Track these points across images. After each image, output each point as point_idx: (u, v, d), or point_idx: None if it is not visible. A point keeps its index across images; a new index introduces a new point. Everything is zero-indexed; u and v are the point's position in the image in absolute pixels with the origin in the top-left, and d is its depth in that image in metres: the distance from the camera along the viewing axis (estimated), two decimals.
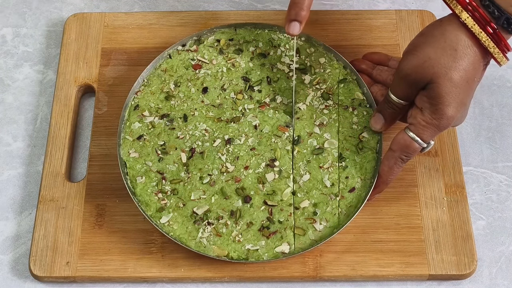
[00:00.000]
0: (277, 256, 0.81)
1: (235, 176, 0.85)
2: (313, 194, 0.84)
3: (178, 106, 0.89)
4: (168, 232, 0.81)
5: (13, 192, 0.90)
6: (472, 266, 0.82)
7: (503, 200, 0.89)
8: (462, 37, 0.75)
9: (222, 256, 0.81)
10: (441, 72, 0.75)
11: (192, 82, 0.91)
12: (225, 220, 0.82)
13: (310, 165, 0.86)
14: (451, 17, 0.77)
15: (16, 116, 0.95)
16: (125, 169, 0.85)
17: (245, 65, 0.92)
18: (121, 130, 0.88)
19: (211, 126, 0.88)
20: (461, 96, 0.76)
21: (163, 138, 0.87)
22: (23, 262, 0.85)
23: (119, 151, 0.86)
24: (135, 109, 0.89)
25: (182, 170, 0.85)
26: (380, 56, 0.93)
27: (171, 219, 0.82)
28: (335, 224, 0.83)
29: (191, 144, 0.87)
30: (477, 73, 0.77)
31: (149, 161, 0.86)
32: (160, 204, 0.83)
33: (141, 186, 0.84)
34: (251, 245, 0.81)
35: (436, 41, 0.76)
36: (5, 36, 1.02)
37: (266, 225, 0.82)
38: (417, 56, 0.77)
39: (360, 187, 0.84)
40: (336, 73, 0.92)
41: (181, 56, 0.93)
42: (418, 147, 0.79)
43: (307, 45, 0.94)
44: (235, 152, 0.86)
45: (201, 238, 0.81)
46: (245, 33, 0.95)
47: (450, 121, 0.77)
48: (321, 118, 0.89)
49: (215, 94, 0.90)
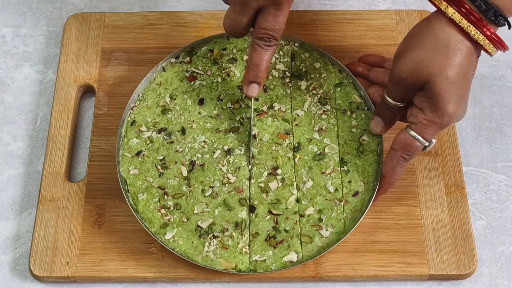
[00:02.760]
0: (286, 265, 0.80)
1: (237, 186, 0.84)
2: (317, 201, 0.84)
3: (175, 119, 0.88)
4: (174, 248, 0.81)
5: (13, 192, 0.90)
6: (472, 266, 0.82)
7: (503, 200, 0.89)
8: (452, 33, 0.75)
9: (230, 269, 0.80)
10: (436, 71, 0.75)
11: (187, 94, 0.90)
12: (231, 232, 0.82)
13: (312, 171, 0.85)
14: (437, 15, 0.76)
15: (16, 116, 0.95)
16: (125, 186, 0.84)
17: (240, 74, 0.92)
18: (119, 147, 0.86)
19: (210, 137, 0.87)
20: (459, 91, 0.76)
21: (162, 152, 0.86)
22: (23, 262, 0.85)
23: (118, 168, 0.85)
24: (132, 125, 0.88)
25: (183, 184, 0.84)
26: (375, 58, 0.93)
27: (175, 234, 0.82)
28: (341, 229, 0.82)
29: (190, 157, 0.86)
30: (471, 66, 0.76)
31: (149, 177, 0.85)
32: (164, 220, 0.82)
33: (143, 203, 0.83)
34: (259, 256, 0.81)
35: (426, 41, 0.76)
36: (5, 36, 1.02)
37: (272, 235, 0.82)
38: (409, 59, 0.76)
39: (364, 191, 0.84)
40: (332, 77, 0.91)
41: (175, 69, 0.92)
42: (420, 146, 0.79)
43: (302, 51, 0.93)
44: (236, 162, 0.86)
45: (207, 252, 0.81)
46: (238, 42, 0.94)
47: (452, 118, 0.77)
48: (320, 123, 0.88)
49: (211, 105, 0.90)
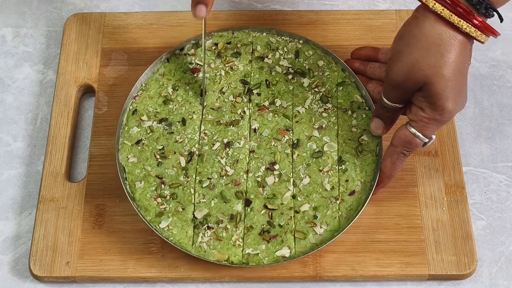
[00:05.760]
0: (278, 260, 0.80)
1: (235, 179, 0.85)
2: (313, 198, 0.84)
3: (176, 110, 0.89)
4: (168, 237, 0.81)
5: (13, 192, 0.90)
6: (472, 266, 0.82)
7: (503, 200, 0.89)
8: (443, 30, 0.74)
9: (222, 261, 0.80)
10: (432, 72, 0.74)
11: (190, 86, 0.91)
12: (225, 224, 0.82)
13: (310, 168, 0.85)
14: (424, 12, 0.75)
15: (16, 116, 0.95)
16: (124, 174, 0.85)
17: (244, 68, 0.92)
18: (120, 135, 0.87)
19: (210, 129, 0.88)
20: (457, 86, 0.76)
21: (162, 142, 0.87)
22: (23, 262, 0.85)
23: (117, 156, 0.86)
24: (133, 114, 0.89)
25: (181, 174, 0.85)
26: (368, 51, 0.92)
27: (170, 223, 0.82)
28: (335, 227, 0.82)
29: (190, 148, 0.86)
30: (465, 59, 0.76)
31: (148, 166, 0.85)
32: (160, 209, 0.83)
33: (140, 191, 0.84)
34: (251, 249, 0.81)
35: (417, 41, 0.75)
36: (5, 36, 1.02)
37: (266, 229, 0.82)
38: (403, 62, 0.76)
39: (360, 190, 0.84)
40: (335, 76, 0.92)
41: (179, 60, 0.93)
42: (420, 143, 0.79)
43: (306, 48, 0.93)
44: (235, 155, 0.86)
45: (201, 243, 0.81)
46: (243, 36, 0.94)
47: (452, 114, 0.77)
48: (320, 121, 0.88)
49: (213, 98, 0.90)
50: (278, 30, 0.94)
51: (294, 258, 0.80)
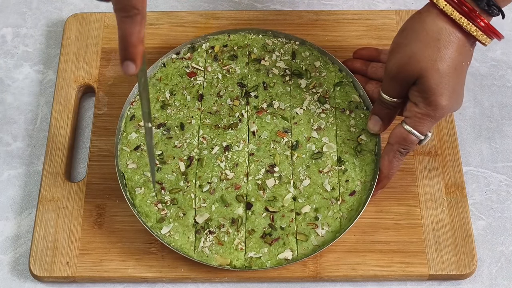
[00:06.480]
0: (280, 263, 0.80)
1: (235, 183, 0.84)
2: (314, 199, 0.84)
3: (174, 115, 0.89)
4: (170, 243, 0.81)
5: (13, 192, 0.89)
6: (472, 266, 0.82)
7: (503, 200, 0.89)
8: (443, 26, 0.74)
9: (225, 265, 0.80)
10: (427, 65, 0.75)
11: (187, 90, 0.90)
12: (227, 228, 0.82)
13: (310, 169, 0.85)
14: (429, 7, 0.76)
15: (16, 116, 0.95)
16: (123, 180, 0.85)
17: (241, 71, 0.92)
18: (118, 141, 0.87)
19: (209, 133, 0.87)
20: (452, 83, 0.76)
21: (161, 147, 0.87)
22: (23, 262, 0.85)
23: (117, 162, 0.85)
24: (131, 120, 0.88)
25: (181, 179, 0.84)
26: (370, 52, 0.92)
27: (171, 229, 0.82)
28: (337, 228, 0.82)
29: (189, 153, 0.86)
30: (464, 58, 0.76)
31: (147, 172, 0.85)
32: (160, 215, 0.83)
33: (140, 197, 0.84)
34: (254, 253, 0.81)
35: (417, 35, 0.76)
36: (5, 36, 1.02)
37: (268, 232, 0.82)
38: (401, 53, 0.77)
39: (360, 190, 0.84)
40: (332, 76, 0.91)
41: (176, 64, 0.92)
42: (415, 140, 0.79)
43: (302, 49, 0.93)
44: (234, 159, 0.86)
45: (203, 248, 0.81)
46: (239, 39, 0.94)
47: (445, 111, 0.77)
48: (319, 122, 0.88)
49: (211, 101, 0.90)
50: (274, 32, 0.94)
51: (296, 260, 0.80)
